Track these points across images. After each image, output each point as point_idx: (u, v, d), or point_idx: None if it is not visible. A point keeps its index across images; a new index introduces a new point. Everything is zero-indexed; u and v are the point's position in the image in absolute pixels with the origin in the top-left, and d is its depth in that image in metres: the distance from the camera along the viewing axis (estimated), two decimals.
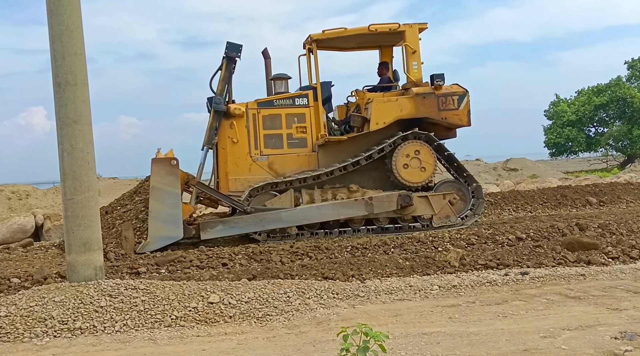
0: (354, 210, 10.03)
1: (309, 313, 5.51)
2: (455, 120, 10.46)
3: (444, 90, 10.43)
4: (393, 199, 10.08)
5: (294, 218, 9.85)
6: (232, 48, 10.06)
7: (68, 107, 5.79)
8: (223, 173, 10.39)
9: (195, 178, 9.91)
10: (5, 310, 5.25)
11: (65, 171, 5.87)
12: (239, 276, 6.82)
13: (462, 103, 10.46)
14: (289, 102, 10.51)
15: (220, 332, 5.06)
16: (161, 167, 9.46)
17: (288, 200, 10.00)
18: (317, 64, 10.47)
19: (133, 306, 5.36)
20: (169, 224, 9.27)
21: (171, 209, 9.29)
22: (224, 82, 10.16)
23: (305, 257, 8.09)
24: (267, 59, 11.08)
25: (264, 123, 10.39)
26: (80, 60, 5.82)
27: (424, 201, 10.30)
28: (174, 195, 9.34)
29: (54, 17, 5.70)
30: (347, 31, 10.49)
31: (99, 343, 4.85)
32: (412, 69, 10.53)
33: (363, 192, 10.26)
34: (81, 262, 5.87)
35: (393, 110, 10.32)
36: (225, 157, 10.34)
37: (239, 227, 9.75)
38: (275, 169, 10.41)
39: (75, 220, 5.91)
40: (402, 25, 10.49)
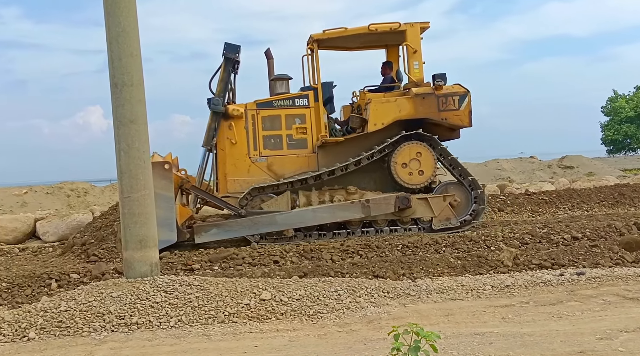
0: (351, 212, 9.88)
1: (359, 311, 5.51)
2: (455, 120, 10.25)
3: (445, 91, 10.22)
4: (390, 201, 9.94)
5: (289, 221, 9.75)
6: (230, 49, 10.07)
7: (124, 107, 5.94)
8: (222, 175, 10.34)
9: (189, 182, 9.86)
10: (66, 305, 5.42)
11: (122, 169, 6.02)
12: (290, 274, 6.88)
13: (463, 104, 10.24)
14: (288, 103, 10.39)
15: (272, 329, 5.12)
16: (155, 171, 9.35)
17: (284, 202, 9.89)
18: (317, 64, 10.38)
19: (187, 303, 5.47)
20: (162, 228, 9.00)
21: (165, 213, 9.15)
22: (222, 83, 10.14)
23: (356, 255, 8.10)
24: (270, 60, 11.06)
25: (263, 124, 10.31)
26: (136, 61, 5.96)
27: (424, 203, 10.14)
28: (168, 198, 9.21)
29: (111, 19, 5.86)
30: (347, 31, 10.38)
31: (155, 338, 4.97)
32: (413, 68, 10.35)
33: (361, 194, 10.12)
34: (137, 259, 6.00)
35: (392, 111, 10.18)
36: (224, 158, 10.28)
37: (234, 231, 9.70)
38: (274, 170, 10.33)
39: (131, 218, 6.04)
40: (402, 25, 10.34)
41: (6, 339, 5.04)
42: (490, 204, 13.51)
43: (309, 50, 10.41)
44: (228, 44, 10.06)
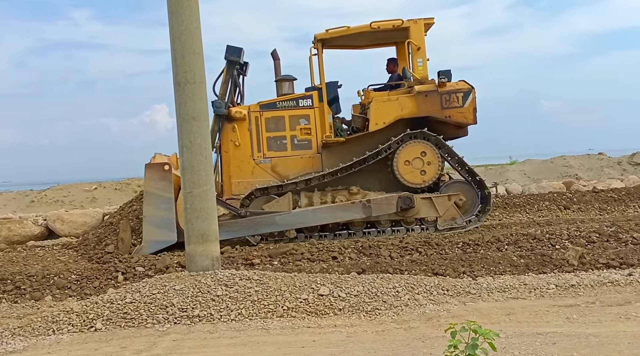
0: (351, 213, 9.73)
1: (418, 308, 5.46)
2: (460, 118, 9.98)
3: (448, 88, 9.96)
4: (392, 202, 9.75)
5: (289, 221, 9.68)
6: (232, 51, 10.06)
7: (187, 105, 6.08)
8: (226, 177, 10.36)
9: None
10: (131, 297, 5.59)
11: (185, 165, 6.17)
12: (348, 270, 6.88)
13: (467, 101, 9.97)
14: (292, 104, 10.31)
15: (329, 324, 5.13)
16: (154, 172, 9.53)
17: (286, 203, 9.82)
18: (321, 64, 10.24)
19: (247, 296, 5.55)
20: (162, 228, 9.32)
21: (165, 213, 9.34)
22: (225, 86, 10.18)
23: (415, 252, 8.03)
24: (277, 61, 10.99)
25: (267, 126, 10.26)
26: (199, 59, 6.08)
27: (428, 203, 9.92)
28: (167, 199, 9.35)
29: (174, 18, 6.00)
30: (350, 29, 10.23)
31: (216, 330, 5.06)
32: (417, 66, 10.15)
33: (364, 195, 9.95)
34: (199, 253, 6.13)
35: (393, 109, 10.01)
36: (228, 160, 10.29)
37: (234, 231, 9.67)
38: (278, 172, 10.28)
39: (193, 213, 6.18)
40: (405, 22, 10.14)
41: (75, 329, 5.23)
42: (555, 202, 13.14)
43: (314, 50, 10.27)
44: (230, 47, 10.10)
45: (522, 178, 20.03)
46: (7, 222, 12.37)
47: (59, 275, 7.42)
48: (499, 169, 23.11)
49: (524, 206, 13.18)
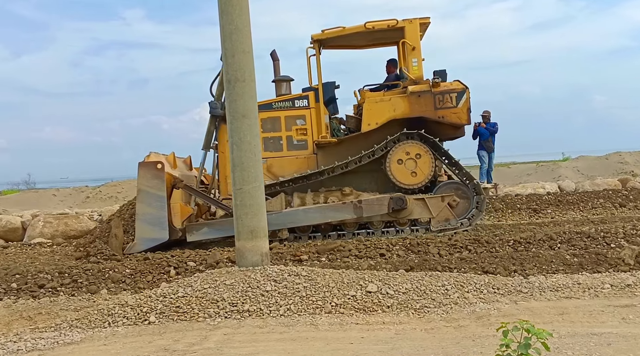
0: (342, 213, 9.69)
1: (468, 307, 5.41)
2: (453, 118, 9.87)
3: (442, 88, 9.86)
4: (384, 202, 9.67)
5: (280, 221, 9.68)
6: None
7: (237, 103, 6.16)
8: (223, 177, 10.43)
9: (182, 182, 9.91)
10: (183, 291, 5.71)
11: (235, 162, 6.25)
12: (396, 267, 6.87)
13: (461, 101, 9.85)
14: (288, 104, 10.34)
15: (378, 321, 5.13)
16: (147, 170, 9.63)
17: (278, 203, 9.84)
18: (318, 64, 10.22)
19: (296, 292, 5.60)
20: (155, 226, 9.42)
21: (157, 211, 9.44)
22: (221, 87, 10.19)
23: (464, 250, 7.95)
24: (276, 61, 10.99)
25: (263, 126, 10.23)
26: (248, 58, 6.16)
27: (421, 204, 9.82)
28: (160, 197, 9.45)
29: (225, 17, 6.09)
30: (345, 30, 10.20)
31: (265, 325, 5.12)
32: (412, 66, 10.06)
33: (357, 195, 9.89)
34: (249, 248, 6.21)
35: (386, 110, 9.95)
36: (225, 160, 10.25)
37: (224, 230, 9.74)
38: (273, 172, 10.33)
39: (243, 209, 6.26)
40: (400, 21, 10.04)
41: (129, 322, 5.37)
42: (610, 199, 12.82)
43: (311, 51, 10.25)
44: None
45: (576, 175, 19.59)
46: (64, 217, 12.81)
47: (114, 269, 7.63)
48: (551, 166, 22.64)
49: (577, 203, 12.90)
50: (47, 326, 5.49)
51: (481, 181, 15.64)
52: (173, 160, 10.75)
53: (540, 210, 12.70)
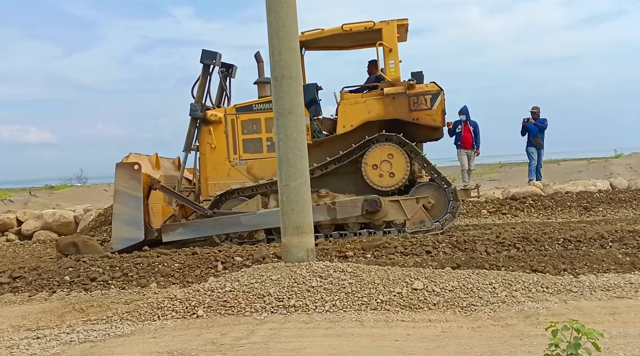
0: (316, 215, 9.26)
1: (516, 305, 5.33)
2: (428, 120, 9.77)
3: (417, 90, 9.77)
4: (357, 204, 9.60)
5: (252, 222, 9.72)
6: (206, 55, 10.25)
7: (284, 99, 6.20)
8: (203, 178, 10.55)
9: (159, 183, 9.96)
10: (230, 286, 5.79)
11: (281, 159, 6.30)
12: (442, 265, 6.81)
13: (435, 103, 9.74)
14: (268, 106, 10.20)
15: (424, 319, 5.10)
16: (124, 171, 9.74)
17: (254, 205, 9.85)
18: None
19: (341, 288, 5.61)
20: (131, 226, 9.54)
21: (133, 212, 9.56)
22: (201, 89, 10.39)
23: (512, 248, 7.84)
24: (260, 63, 10.98)
25: (243, 128, 10.37)
26: (295, 55, 6.20)
27: (396, 205, 9.68)
28: (136, 198, 9.58)
29: (272, 14, 6.13)
30: (324, 32, 10.15)
31: (311, 321, 5.15)
32: (389, 68, 9.94)
33: (333, 197, 9.83)
34: (294, 244, 6.25)
35: (361, 112, 9.89)
36: (205, 162, 10.49)
37: (199, 230, 9.89)
38: (253, 173, 10.37)
39: (289, 205, 6.30)
40: (377, 23, 9.92)
41: (177, 315, 5.48)
42: None
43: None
44: (205, 51, 10.31)
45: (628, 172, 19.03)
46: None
47: (163, 264, 7.79)
48: (603, 163, 22.07)
49: (630, 201, 12.54)
50: (99, 319, 5.65)
51: (530, 178, 15.44)
52: (155, 161, 10.96)
53: (591, 208, 12.40)
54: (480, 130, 14.94)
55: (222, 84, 11.02)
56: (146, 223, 9.75)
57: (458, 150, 15.07)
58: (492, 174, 24.74)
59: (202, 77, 10.47)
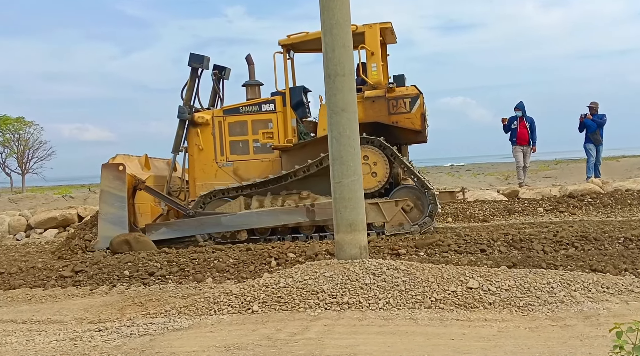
0: (294, 216, 9.71)
1: (575, 306, 5.21)
2: (407, 124, 9.68)
3: (396, 93, 9.71)
4: None
5: (233, 223, 9.81)
6: (194, 59, 10.43)
7: (337, 97, 6.21)
8: (191, 179, 10.74)
9: (144, 183, 10.14)
10: (284, 282, 5.84)
11: (334, 156, 6.31)
12: (498, 263, 6.71)
13: (414, 106, 9.65)
14: (255, 109, 10.51)
15: (479, 318, 5.04)
16: (109, 172, 10.00)
17: (237, 206, 9.92)
18: (286, 69, 10.24)
19: (395, 286, 5.59)
20: (116, 225, 9.72)
21: (118, 211, 9.80)
22: (189, 92, 10.62)
23: (570, 247, 7.66)
24: (251, 65, 11.03)
25: (230, 130, 10.55)
26: (348, 52, 6.19)
27: (375, 208, 9.59)
28: (121, 198, 9.84)
29: (326, 12, 6.15)
30: (308, 35, 10.18)
31: (364, 318, 5.16)
32: (371, 71, 9.89)
33: (314, 199, 9.83)
34: (347, 241, 6.26)
35: None
36: (193, 163, 10.69)
37: (181, 230, 10.01)
38: (240, 175, 10.51)
39: (342, 202, 6.30)
40: (360, 27, 9.82)
41: (233, 310, 5.57)
42: None
43: (279, 56, 10.32)
44: (192, 54, 10.49)
45: None
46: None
47: (219, 259, 7.93)
48: None
49: None
50: (157, 313, 5.79)
51: (588, 175, 15.04)
52: (145, 161, 11.24)
53: None
54: (536, 126, 14.64)
55: (215, 86, 11.31)
56: (131, 223, 10.11)
57: (513, 147, 14.81)
58: (548, 171, 24.22)
59: (190, 80, 10.74)
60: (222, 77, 11.28)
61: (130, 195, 10.16)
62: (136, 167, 10.74)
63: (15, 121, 33.55)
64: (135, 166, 10.71)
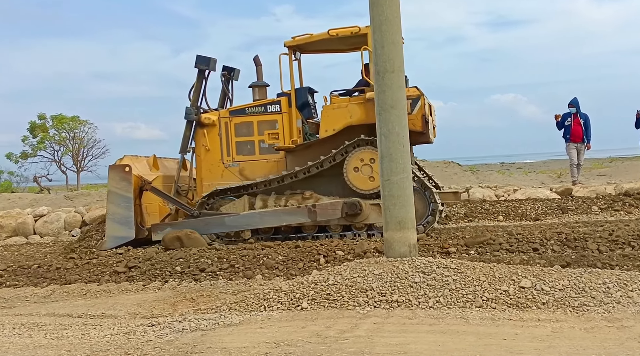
0: (296, 217, 9.75)
1: (632, 306, 5.05)
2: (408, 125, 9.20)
3: None
4: (337, 207, 9.66)
5: (237, 223, 9.90)
6: (200, 61, 10.57)
7: (386, 93, 6.17)
8: (199, 179, 10.97)
9: (150, 184, 10.33)
10: (333, 279, 5.84)
11: (383, 153, 6.28)
12: (551, 263, 6.57)
13: (415, 108, 9.52)
14: (260, 110, 10.66)
15: (532, 318, 4.94)
16: (116, 173, 10.26)
17: (241, 205, 9.99)
18: (291, 70, 10.24)
19: (445, 285, 5.53)
20: (123, 225, 9.99)
21: (125, 211, 10.03)
22: (196, 93, 10.83)
23: (627, 247, 7.44)
24: (259, 66, 11.07)
25: (236, 131, 10.75)
26: (398, 49, 6.15)
27: (377, 209, 9.46)
28: (127, 198, 10.12)
29: (375, 8, 6.12)
30: (312, 37, 10.21)
31: (414, 316, 5.12)
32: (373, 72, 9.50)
33: (316, 199, 9.87)
34: (397, 239, 6.22)
35: (342, 116, 9.89)
36: (200, 163, 10.92)
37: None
38: (245, 175, 10.70)
39: (391, 200, 6.27)
40: (363, 28, 9.82)
41: (283, 307, 5.60)
42: None
43: (284, 57, 10.36)
44: (199, 56, 10.61)
45: None
46: None
47: (268, 256, 8.00)
48: None
49: None
50: (209, 308, 5.88)
51: None
52: (153, 162, 11.45)
53: None
54: (590, 122, 14.27)
55: (225, 87, 11.48)
56: (137, 223, 10.35)
57: (567, 144, 14.47)
58: (602, 169, 23.56)
59: (197, 82, 10.92)
60: (231, 78, 11.52)
61: (137, 196, 10.47)
62: (144, 168, 11.06)
63: (70, 120, 34.52)
64: (143, 167, 11.03)
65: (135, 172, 10.40)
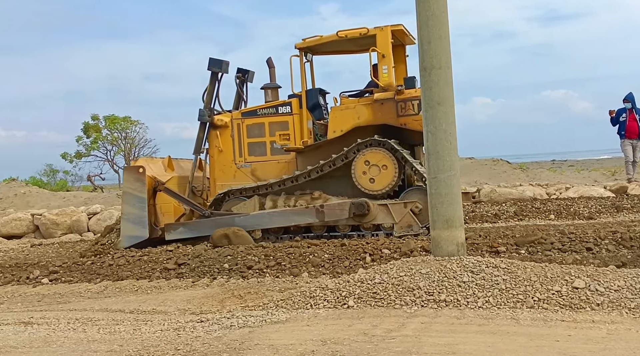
0: (304, 217, 9.75)
1: None
2: (415, 126, 9.49)
3: (405, 95, 9.61)
4: (345, 207, 9.64)
5: (247, 223, 10.06)
6: (213, 63, 10.70)
7: (432, 90, 6.09)
8: (212, 180, 11.13)
9: (163, 184, 10.43)
10: (379, 278, 5.80)
11: (430, 151, 6.20)
12: (605, 263, 6.38)
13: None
14: (272, 111, 10.76)
15: (586, 319, 4.80)
16: (130, 174, 10.50)
17: (251, 206, 10.06)
18: (302, 71, 10.22)
19: (494, 285, 5.42)
20: (137, 225, 10.17)
21: (138, 211, 10.29)
22: (209, 95, 10.91)
23: None
24: (272, 68, 11.12)
25: (248, 132, 10.86)
26: (445, 44, 6.05)
27: (385, 209, 9.73)
28: (141, 199, 10.31)
29: (421, 4, 6.04)
30: (322, 38, 10.24)
31: (463, 316, 5.03)
32: (382, 73, 9.78)
33: (325, 199, 9.85)
34: (444, 238, 6.13)
35: (350, 117, 9.92)
36: (214, 164, 11.08)
37: (198, 230, 10.39)
38: (257, 176, 10.78)
39: (438, 198, 6.19)
40: (371, 29, 9.81)
41: (329, 305, 5.59)
42: None
43: (295, 58, 10.37)
44: (212, 59, 10.69)
45: None
46: None
47: (314, 254, 8.01)
48: None
49: None
50: (256, 305, 5.92)
51: None
52: (168, 163, 11.59)
53: None
54: None
55: (239, 89, 11.56)
56: (151, 223, 10.50)
57: (622, 140, 14.05)
58: None
59: (210, 84, 10.98)
60: (245, 80, 11.62)
61: (151, 196, 10.66)
62: (159, 169, 11.25)
63: (122, 120, 35.35)
64: (158, 168, 11.24)
65: (149, 172, 10.63)
